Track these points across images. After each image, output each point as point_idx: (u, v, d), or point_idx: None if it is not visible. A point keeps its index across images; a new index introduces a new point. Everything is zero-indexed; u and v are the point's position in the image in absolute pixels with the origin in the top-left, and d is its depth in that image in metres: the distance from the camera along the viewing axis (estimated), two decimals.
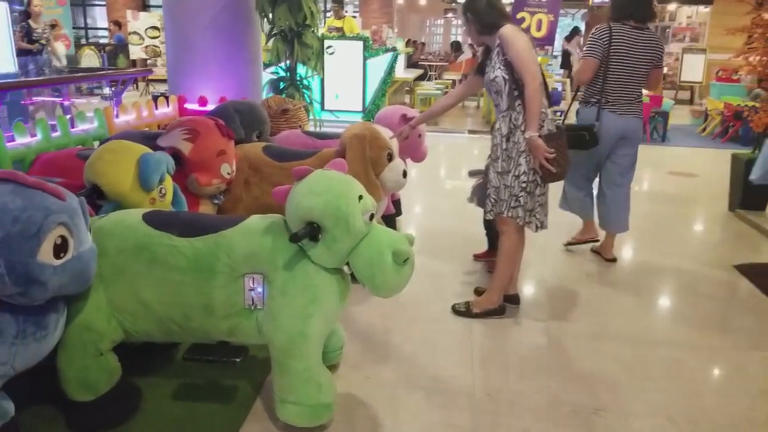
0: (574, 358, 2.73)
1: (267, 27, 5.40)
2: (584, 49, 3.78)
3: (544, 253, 4.03)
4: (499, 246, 3.07)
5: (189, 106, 4.72)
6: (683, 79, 13.98)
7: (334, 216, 1.94)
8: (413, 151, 4.03)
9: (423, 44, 18.83)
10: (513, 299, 3.19)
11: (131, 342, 2.12)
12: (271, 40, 5.22)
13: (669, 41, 15.68)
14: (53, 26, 8.71)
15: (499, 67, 2.83)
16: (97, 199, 2.30)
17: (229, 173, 3.06)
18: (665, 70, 14.98)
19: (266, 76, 5.59)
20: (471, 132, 9.17)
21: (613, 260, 3.96)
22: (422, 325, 2.97)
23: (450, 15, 20.79)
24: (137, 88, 12.40)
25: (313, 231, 1.94)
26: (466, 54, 16.34)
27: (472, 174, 3.87)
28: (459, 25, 21.62)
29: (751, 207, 5.14)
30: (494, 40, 2.85)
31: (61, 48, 8.36)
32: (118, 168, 2.30)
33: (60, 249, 1.70)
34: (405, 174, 3.34)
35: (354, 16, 14.30)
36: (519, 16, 8.58)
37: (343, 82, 9.04)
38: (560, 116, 10.02)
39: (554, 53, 13.56)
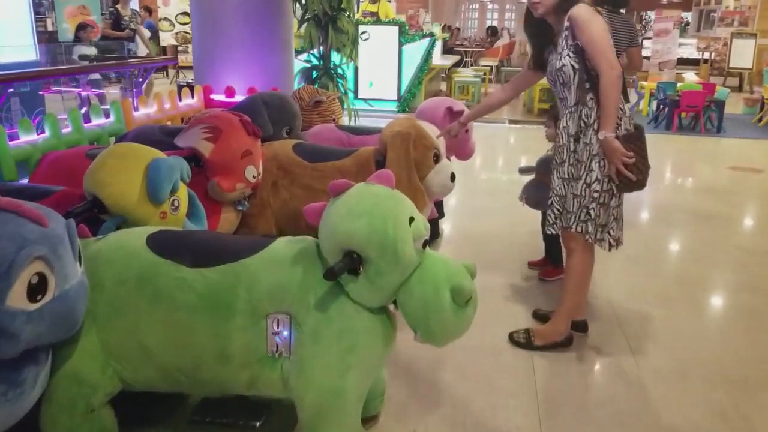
0: (658, 404, 2.29)
1: (299, 11, 5.00)
2: None
3: (605, 265, 3.56)
4: (567, 267, 2.63)
5: (215, 96, 4.37)
6: (732, 65, 13.16)
7: (380, 244, 1.55)
8: (459, 148, 3.61)
9: (458, 29, 18.23)
10: (581, 326, 2.75)
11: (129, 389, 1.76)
12: (304, 25, 4.81)
13: (716, 25, 14.85)
14: (149, 10, 8.42)
15: (568, 55, 2.39)
16: (99, 213, 1.95)
17: (255, 176, 2.69)
18: (712, 55, 14.22)
19: (298, 63, 5.20)
20: (512, 122, 8.66)
21: None
22: (475, 357, 2.55)
23: None
24: (167, 75, 12.18)
25: (352, 263, 1.55)
26: (504, 39, 15.76)
27: (523, 171, 3.42)
28: (495, 9, 20.90)
29: None
30: (561, 22, 2.40)
31: (146, 34, 8.13)
32: (123, 177, 1.93)
33: (36, 290, 1.35)
34: (453, 177, 2.92)
35: (389, 0, 13.81)
36: None
37: (378, 70, 8.61)
38: None
39: None
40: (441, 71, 10.50)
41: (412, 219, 1.62)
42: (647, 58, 12.94)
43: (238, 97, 4.34)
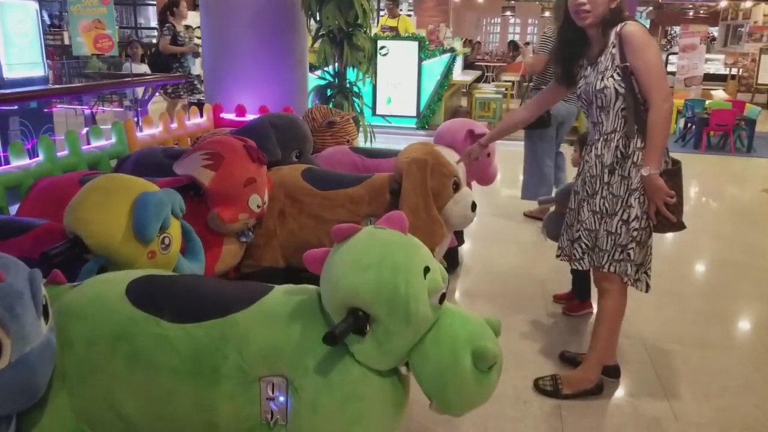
0: None
1: (314, 27, 4.83)
2: (537, 46, 4.74)
3: (635, 300, 3.29)
4: (599, 310, 2.39)
5: (225, 115, 4.21)
6: (761, 82, 12.81)
7: (389, 301, 1.33)
8: (481, 173, 3.38)
9: (479, 43, 18.05)
10: (612, 372, 2.50)
11: None
12: (318, 41, 4.64)
13: (743, 41, 14.50)
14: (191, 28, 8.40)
15: (612, 76, 2.16)
16: (81, 253, 1.76)
17: (259, 206, 2.49)
18: (739, 71, 13.85)
19: (312, 81, 5.03)
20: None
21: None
22: (497, 408, 2.31)
23: (508, 13, 19.92)
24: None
25: (358, 323, 1.34)
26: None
27: (542, 203, 3.20)
28: (516, 23, 20.72)
29: None
30: (605, 36, 2.18)
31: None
32: (107, 214, 1.74)
33: None
34: (474, 207, 2.71)
35: (409, 15, 13.68)
36: None
37: (397, 86, 8.43)
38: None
39: None
40: (461, 87, 10.30)
41: (427, 269, 1.41)
42: (673, 73, 12.69)
43: (249, 116, 4.18)
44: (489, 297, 3.39)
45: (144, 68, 7.27)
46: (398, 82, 8.37)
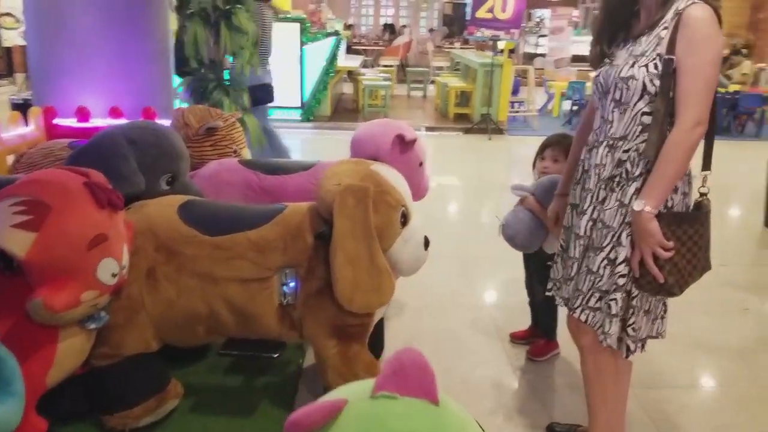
0: None
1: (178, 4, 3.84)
2: None
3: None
4: (582, 372, 1.81)
5: (61, 121, 3.14)
6: None
7: None
8: (413, 186, 2.67)
9: (352, 26, 17.33)
10: None
11: None
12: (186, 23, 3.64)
13: None
14: None
15: (647, 65, 1.55)
16: None
17: (116, 274, 1.62)
18: None
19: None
20: (429, 129, 7.88)
21: None
22: None
23: None
24: (15, 83, 10.21)
25: None
26: (404, 37, 15.04)
27: (515, 190, 2.40)
28: (389, 5, 20.22)
29: None
30: (663, 10, 1.57)
31: None
32: None
33: None
34: (427, 243, 2.00)
35: None
36: None
37: (276, 73, 7.48)
38: (518, 107, 8.97)
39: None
40: (344, 74, 9.54)
41: None
42: (543, 55, 12.84)
43: (96, 121, 3.16)
44: (430, 342, 2.70)
45: None
46: (278, 68, 7.42)
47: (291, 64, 7.38)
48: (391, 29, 15.71)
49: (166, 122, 2.82)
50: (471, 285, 3.30)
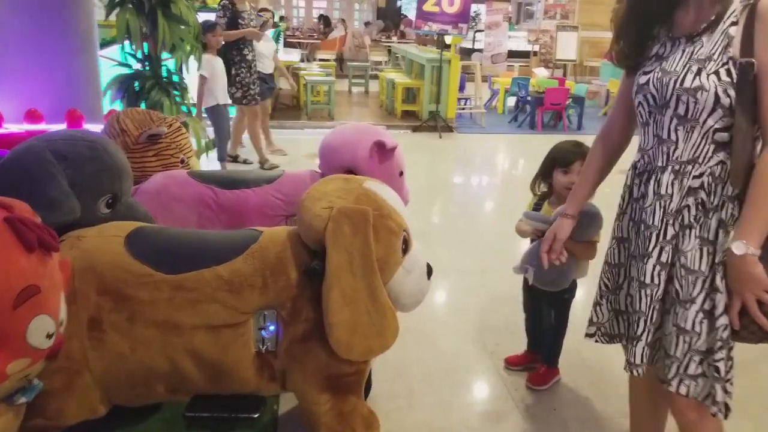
0: None
1: None
2: None
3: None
4: None
5: None
6: (558, 57, 13.59)
7: None
8: None
9: (284, 18, 16.73)
10: None
11: None
12: (115, 11, 3.16)
13: (536, 18, 15.35)
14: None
15: (717, 71, 1.29)
16: None
17: (51, 334, 1.25)
18: (537, 48, 14.59)
19: (110, 68, 3.54)
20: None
21: None
22: None
23: None
24: None
25: None
26: (339, 30, 14.64)
27: (529, 219, 2.07)
28: None
29: None
30: (713, 6, 1.33)
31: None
32: None
33: None
34: (430, 272, 1.72)
35: None
36: None
37: None
38: (465, 104, 8.81)
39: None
40: (288, 68, 9.06)
41: None
42: (480, 50, 12.84)
43: (10, 126, 2.69)
44: (421, 376, 2.42)
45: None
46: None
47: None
48: (326, 21, 15.27)
49: (97, 128, 2.41)
50: (450, 302, 3.04)
